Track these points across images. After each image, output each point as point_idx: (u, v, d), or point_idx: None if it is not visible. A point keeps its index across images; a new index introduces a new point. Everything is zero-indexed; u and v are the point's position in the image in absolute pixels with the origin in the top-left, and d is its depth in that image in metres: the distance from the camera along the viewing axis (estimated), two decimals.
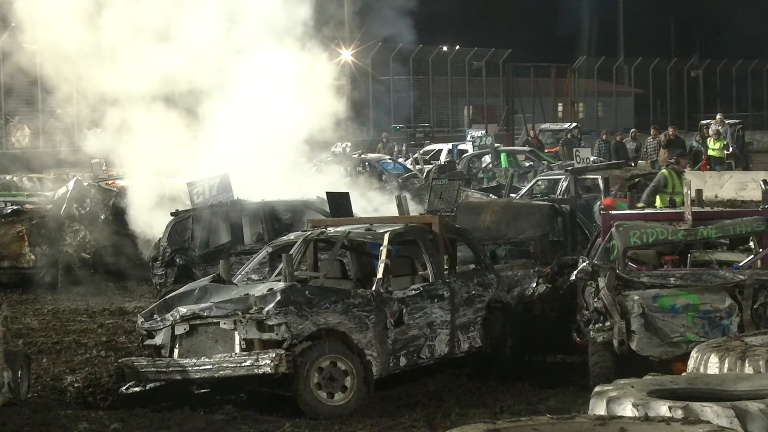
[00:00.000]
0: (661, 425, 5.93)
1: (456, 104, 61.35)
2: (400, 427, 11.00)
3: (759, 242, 12.88)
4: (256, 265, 13.96)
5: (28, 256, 20.51)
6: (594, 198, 22.61)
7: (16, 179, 26.07)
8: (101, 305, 18.68)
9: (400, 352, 12.31)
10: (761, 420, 6.30)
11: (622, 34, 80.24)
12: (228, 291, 12.25)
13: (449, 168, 31.39)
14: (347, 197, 14.87)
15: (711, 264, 12.96)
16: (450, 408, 11.69)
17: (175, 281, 17.15)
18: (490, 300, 13.38)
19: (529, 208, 15.93)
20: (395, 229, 13.03)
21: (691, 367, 8.05)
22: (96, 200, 21.18)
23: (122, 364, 12.06)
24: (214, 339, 11.76)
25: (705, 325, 11.69)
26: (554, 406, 11.57)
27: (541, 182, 25.06)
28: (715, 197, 31.65)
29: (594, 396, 6.74)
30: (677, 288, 11.87)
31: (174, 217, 18.02)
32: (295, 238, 13.51)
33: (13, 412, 11.56)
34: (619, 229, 12.61)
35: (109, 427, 11.16)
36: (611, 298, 11.73)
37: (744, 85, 69.20)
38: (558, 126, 48.51)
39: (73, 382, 13.01)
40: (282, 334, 11.44)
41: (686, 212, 12.75)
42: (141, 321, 12.22)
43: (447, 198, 14.92)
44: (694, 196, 14.26)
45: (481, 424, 6.03)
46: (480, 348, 13.17)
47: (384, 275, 12.38)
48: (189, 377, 11.65)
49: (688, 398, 6.60)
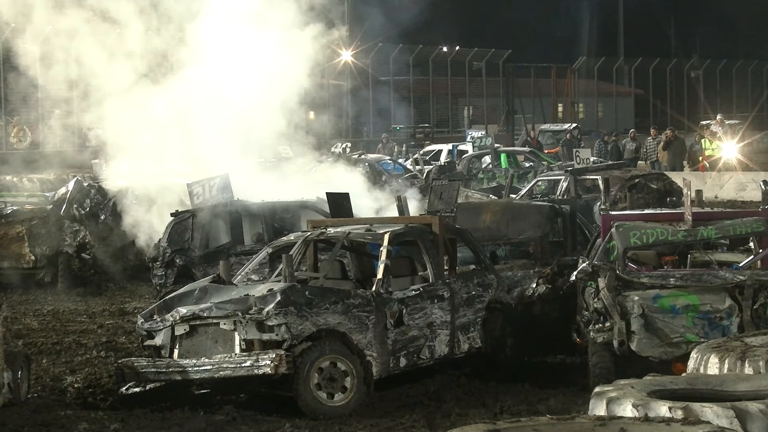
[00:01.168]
0: (661, 426, 5.93)
1: (456, 104, 61.34)
2: (400, 427, 11.00)
3: (759, 242, 12.88)
4: (256, 265, 13.95)
5: (28, 256, 20.52)
6: (594, 198, 22.61)
7: (16, 179, 26.05)
8: (101, 305, 18.69)
9: (400, 352, 12.31)
10: (761, 420, 6.30)
11: (622, 34, 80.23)
12: (228, 291, 12.24)
13: (449, 168, 31.38)
14: (347, 197, 14.87)
15: (711, 264, 12.96)
16: (450, 408, 11.69)
17: (175, 281, 17.15)
18: (490, 300, 13.38)
19: (529, 209, 15.94)
20: (395, 229, 13.03)
21: (691, 367, 8.05)
22: (96, 200, 21.18)
23: (122, 364, 12.06)
24: (214, 339, 11.76)
25: (705, 326, 11.69)
26: (554, 406, 11.57)
27: (541, 183, 25.05)
28: (715, 197, 31.69)
29: (594, 396, 6.74)
30: (677, 288, 11.86)
31: (174, 217, 18.02)
32: (295, 239, 13.51)
33: (13, 413, 11.56)
34: (619, 229, 12.61)
35: (109, 427, 11.17)
36: (611, 299, 11.74)
37: (744, 85, 69.19)
38: (558, 126, 48.52)
39: (73, 383, 13.01)
40: (282, 334, 11.44)
41: (686, 212, 12.75)
42: (141, 321, 12.22)
43: (447, 198, 14.89)
44: (694, 197, 14.27)
45: (481, 424, 6.03)
46: (480, 348, 13.17)
47: (384, 276, 12.38)
48: (189, 378, 11.65)
49: (688, 399, 6.61)
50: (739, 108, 64.92)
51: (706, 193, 24.15)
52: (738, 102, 67.70)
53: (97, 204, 21.15)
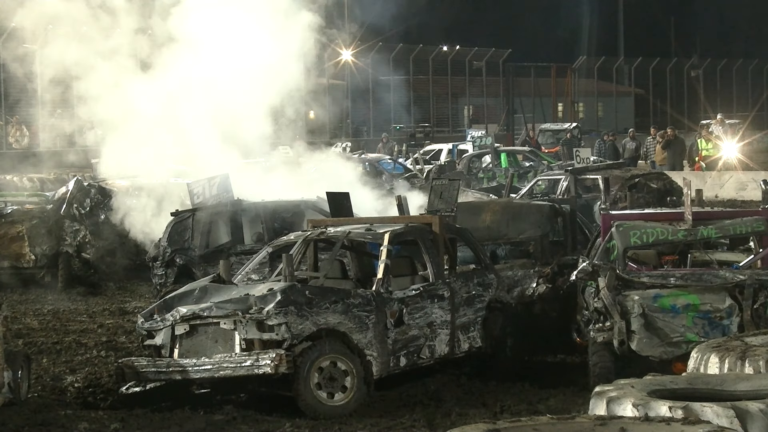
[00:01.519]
0: (661, 425, 5.92)
1: (456, 104, 61.37)
2: (400, 427, 10.99)
3: (759, 242, 12.88)
4: (256, 265, 13.95)
5: (28, 256, 20.52)
6: (594, 198, 22.60)
7: (16, 179, 26.06)
8: (101, 305, 18.68)
9: (400, 352, 12.31)
10: (761, 420, 6.30)
11: (622, 34, 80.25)
12: (228, 291, 12.24)
13: (449, 168, 31.40)
14: (347, 197, 14.86)
15: (711, 264, 12.96)
16: (450, 408, 11.68)
17: (175, 281, 17.15)
18: (490, 300, 13.38)
19: (529, 208, 15.92)
20: (395, 229, 13.02)
21: (691, 367, 8.04)
22: (96, 200, 21.18)
23: (122, 364, 12.05)
24: (214, 339, 11.75)
25: (705, 325, 11.69)
26: (554, 406, 11.57)
27: (541, 182, 25.05)
28: (715, 197, 31.68)
29: (594, 396, 6.73)
30: (677, 288, 11.86)
31: (174, 217, 18.02)
32: (295, 238, 13.50)
33: (13, 412, 11.55)
34: (619, 229, 12.61)
35: (109, 427, 11.16)
36: (611, 298, 11.73)
37: (744, 85, 69.20)
38: (558, 126, 48.51)
39: (73, 382, 13.01)
40: (282, 334, 11.43)
41: (686, 212, 12.75)
42: (141, 321, 12.21)
43: (447, 198, 14.88)
44: (694, 196, 14.26)
45: (481, 424, 6.02)
46: (480, 348, 13.17)
47: (384, 275, 12.38)
48: (189, 377, 11.65)
49: (688, 398, 6.60)
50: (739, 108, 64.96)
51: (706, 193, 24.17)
52: (738, 102, 67.75)
53: (97, 204, 21.14)
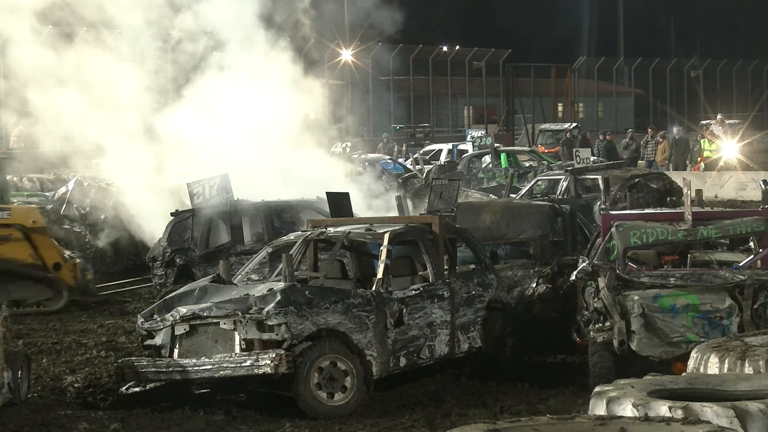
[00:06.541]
0: (661, 425, 5.93)
1: (456, 104, 61.39)
2: (400, 427, 10.99)
3: (759, 242, 12.88)
4: (256, 265, 13.96)
5: None
6: (594, 198, 22.59)
7: (16, 179, 26.04)
8: (101, 305, 18.67)
9: (400, 352, 12.31)
10: (761, 420, 6.30)
11: (622, 34, 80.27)
12: (228, 291, 12.24)
13: (449, 168, 31.39)
14: (347, 197, 14.87)
15: (711, 264, 12.96)
16: (450, 408, 11.69)
17: (175, 281, 17.16)
18: (490, 300, 13.37)
19: (529, 209, 15.92)
20: (395, 229, 13.02)
21: (691, 367, 8.04)
22: (96, 200, 21.18)
23: (122, 364, 12.05)
24: (214, 339, 11.76)
25: (705, 325, 11.69)
26: (554, 406, 11.57)
27: (541, 182, 25.04)
28: (715, 197, 31.69)
29: (594, 396, 6.73)
30: (677, 288, 11.86)
31: (174, 217, 18.03)
32: (295, 238, 13.51)
33: (13, 412, 11.55)
34: (619, 229, 12.61)
35: (109, 427, 11.16)
36: (611, 298, 11.73)
37: (744, 85, 69.20)
38: (558, 126, 48.49)
39: (73, 382, 13.01)
40: (282, 334, 11.43)
41: (686, 212, 12.75)
42: (141, 321, 12.21)
43: (447, 198, 14.88)
44: (694, 196, 14.26)
45: (481, 424, 6.03)
46: (480, 348, 13.17)
47: (384, 275, 12.38)
48: (189, 377, 11.65)
49: (688, 398, 6.60)
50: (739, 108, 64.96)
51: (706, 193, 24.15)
52: (738, 102, 67.75)
53: (97, 204, 21.14)
